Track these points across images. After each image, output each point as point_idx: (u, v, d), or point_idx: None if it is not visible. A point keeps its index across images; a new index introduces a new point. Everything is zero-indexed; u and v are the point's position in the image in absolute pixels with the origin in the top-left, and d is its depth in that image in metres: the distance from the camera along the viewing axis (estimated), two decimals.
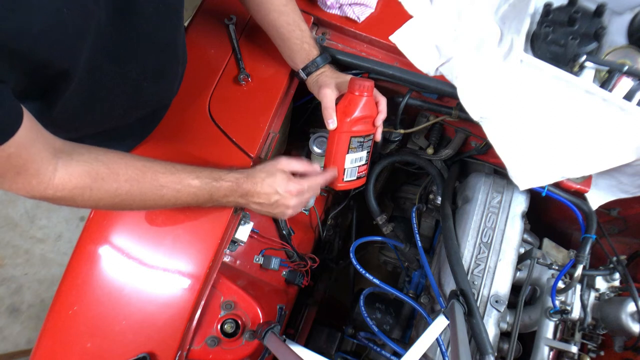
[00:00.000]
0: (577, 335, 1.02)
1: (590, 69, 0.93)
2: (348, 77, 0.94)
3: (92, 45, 0.61)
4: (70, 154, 0.65)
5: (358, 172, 1.00)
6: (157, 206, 0.78)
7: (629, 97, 0.88)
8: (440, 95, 1.09)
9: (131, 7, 0.65)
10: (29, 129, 0.57)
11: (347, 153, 0.95)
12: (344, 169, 0.97)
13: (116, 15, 0.63)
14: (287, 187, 0.85)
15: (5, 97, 0.52)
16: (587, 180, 1.00)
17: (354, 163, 0.98)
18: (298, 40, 0.93)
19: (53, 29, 0.53)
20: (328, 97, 0.92)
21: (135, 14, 0.66)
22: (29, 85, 0.59)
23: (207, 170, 0.80)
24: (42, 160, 0.60)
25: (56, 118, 0.69)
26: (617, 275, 1.05)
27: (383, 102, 0.95)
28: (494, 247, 1.04)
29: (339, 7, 1.05)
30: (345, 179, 0.99)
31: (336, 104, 0.92)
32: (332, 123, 0.92)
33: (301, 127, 1.28)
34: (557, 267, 1.04)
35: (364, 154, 0.98)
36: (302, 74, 0.97)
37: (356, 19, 1.05)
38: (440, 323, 0.87)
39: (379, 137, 0.98)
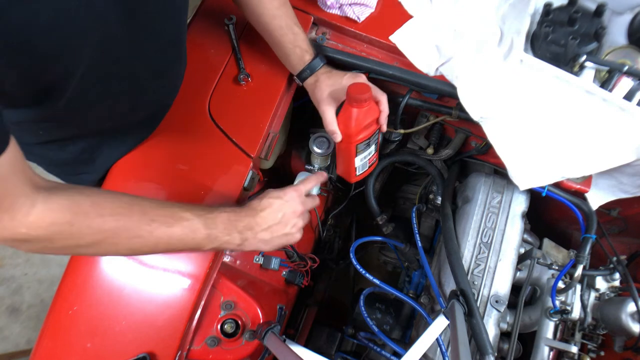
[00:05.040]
0: (577, 335, 1.02)
1: (590, 69, 0.93)
2: (344, 79, 0.92)
3: (100, 45, 0.60)
4: (51, 190, 0.58)
5: (369, 162, 1.04)
6: (147, 246, 0.68)
7: (629, 97, 0.88)
8: (440, 95, 1.09)
9: (141, 8, 0.64)
10: (12, 159, 0.52)
11: (356, 157, 0.97)
12: (355, 168, 1.01)
13: (125, 16, 0.62)
14: (284, 194, 0.80)
15: None
16: (587, 180, 1.00)
17: (363, 160, 1.01)
18: (290, 44, 0.91)
19: (58, 22, 0.52)
20: (327, 113, 0.92)
21: (144, 15, 0.66)
22: (26, 90, 0.58)
23: (198, 205, 0.74)
24: (19, 195, 0.54)
25: (60, 115, 0.69)
26: (617, 275, 1.05)
27: (384, 100, 0.93)
28: (494, 247, 1.04)
29: (339, 7, 1.05)
30: (357, 174, 1.04)
31: (338, 111, 0.92)
32: (336, 137, 0.92)
33: (301, 127, 1.28)
34: (557, 267, 1.04)
35: (372, 149, 1.01)
36: (297, 81, 0.98)
37: (356, 19, 1.05)
38: (440, 323, 0.87)
39: (384, 128, 0.97)
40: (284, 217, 0.79)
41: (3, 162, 0.50)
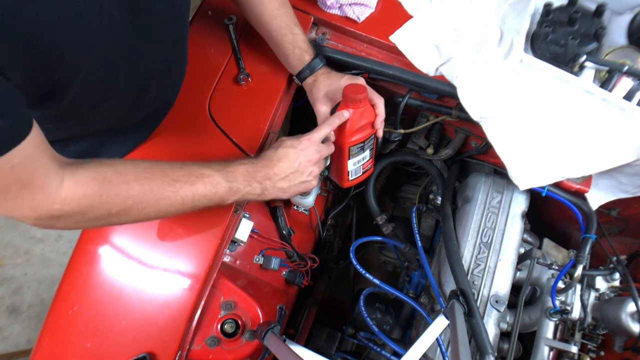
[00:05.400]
0: (577, 335, 1.02)
1: (590, 69, 0.93)
2: (342, 80, 0.92)
3: (104, 44, 0.61)
4: (76, 165, 0.61)
5: (363, 168, 1.02)
6: (174, 206, 0.70)
7: (629, 97, 0.88)
8: (440, 95, 1.09)
9: (144, 8, 0.65)
10: (37, 140, 0.54)
11: (348, 160, 0.96)
12: (347, 172, 0.99)
13: (130, 16, 0.63)
14: (299, 143, 0.82)
15: (15, 101, 0.50)
16: (587, 180, 1.00)
17: (357, 164, 0.99)
18: (290, 44, 0.92)
19: (68, 21, 0.52)
20: (321, 113, 0.93)
21: (148, 15, 0.66)
22: (31, 90, 0.58)
23: (215, 161, 0.77)
24: (49, 173, 0.57)
25: (63, 115, 0.69)
26: (617, 275, 1.05)
27: (380, 104, 0.92)
28: (494, 247, 1.04)
29: (339, 7, 1.05)
30: (350, 179, 1.02)
31: (333, 112, 0.92)
32: (329, 137, 0.91)
33: (301, 127, 1.28)
34: (557, 267, 1.04)
35: (366, 154, 0.99)
36: (297, 80, 0.98)
37: (356, 19, 1.05)
38: (440, 323, 0.87)
39: (380, 134, 0.97)
40: (300, 165, 0.82)
41: (29, 144, 0.52)
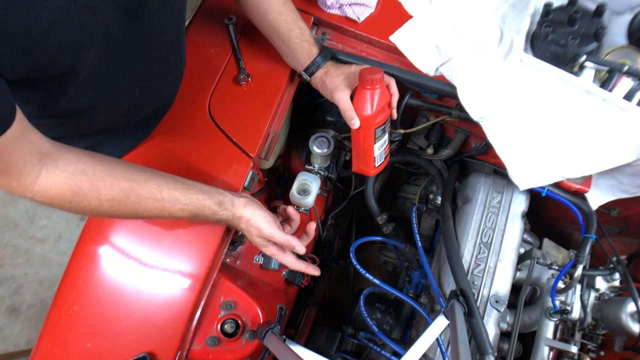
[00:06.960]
0: (577, 335, 1.02)
1: (590, 69, 0.93)
2: (352, 67, 0.95)
3: (101, 46, 0.61)
4: (57, 161, 0.63)
5: (385, 153, 1.05)
6: (140, 219, 0.83)
7: (629, 97, 0.88)
8: (440, 95, 1.09)
9: (140, 8, 0.65)
10: (18, 132, 0.55)
11: (375, 144, 0.98)
12: (374, 157, 1.02)
13: (126, 18, 0.63)
14: (259, 234, 0.82)
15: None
16: (587, 180, 1.00)
17: (381, 149, 1.02)
18: (297, 39, 0.92)
19: (60, 26, 0.52)
20: (343, 100, 0.91)
21: (144, 16, 0.66)
22: (27, 87, 0.58)
23: (194, 195, 0.77)
24: (26, 165, 0.59)
25: (61, 113, 0.69)
26: (617, 275, 1.05)
27: (393, 84, 0.95)
28: (494, 247, 1.04)
29: (339, 7, 1.05)
30: (376, 165, 1.05)
31: (352, 96, 0.93)
32: (355, 123, 0.91)
33: (301, 127, 1.28)
34: (557, 267, 1.04)
35: (386, 137, 1.02)
36: (305, 76, 0.97)
37: (356, 19, 1.05)
38: (440, 323, 0.87)
39: (395, 114, 0.99)
40: (255, 243, 0.86)
41: (10, 136, 0.53)
